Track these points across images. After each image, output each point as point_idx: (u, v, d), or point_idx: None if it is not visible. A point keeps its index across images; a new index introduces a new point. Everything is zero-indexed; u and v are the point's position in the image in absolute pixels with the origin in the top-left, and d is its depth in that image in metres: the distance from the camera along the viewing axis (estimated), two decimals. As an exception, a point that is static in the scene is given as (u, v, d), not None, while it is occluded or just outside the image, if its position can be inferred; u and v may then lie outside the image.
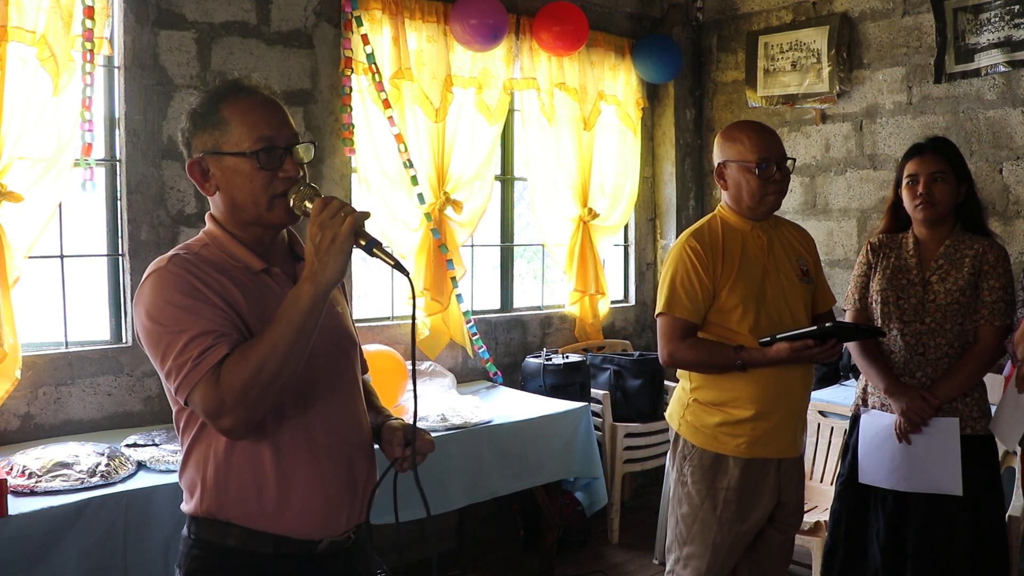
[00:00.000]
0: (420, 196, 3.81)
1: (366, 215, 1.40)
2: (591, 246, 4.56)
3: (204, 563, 1.50)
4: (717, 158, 2.46)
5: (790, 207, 4.65)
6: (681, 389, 2.51)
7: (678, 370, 2.49)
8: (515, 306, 4.54)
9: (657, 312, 2.43)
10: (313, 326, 1.39)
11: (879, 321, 2.66)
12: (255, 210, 1.50)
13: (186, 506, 1.54)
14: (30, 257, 2.85)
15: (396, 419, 1.70)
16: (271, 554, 1.48)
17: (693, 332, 2.38)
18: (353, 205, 1.41)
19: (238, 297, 1.47)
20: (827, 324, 2.27)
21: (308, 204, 1.46)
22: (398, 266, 1.43)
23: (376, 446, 1.66)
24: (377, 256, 1.42)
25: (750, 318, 2.35)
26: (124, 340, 3.15)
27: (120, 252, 3.14)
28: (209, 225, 1.56)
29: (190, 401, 1.40)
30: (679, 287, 2.37)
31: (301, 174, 1.52)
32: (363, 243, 1.41)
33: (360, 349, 1.74)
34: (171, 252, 1.51)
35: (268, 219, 1.51)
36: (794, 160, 2.45)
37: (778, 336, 2.28)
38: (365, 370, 1.82)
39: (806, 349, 2.25)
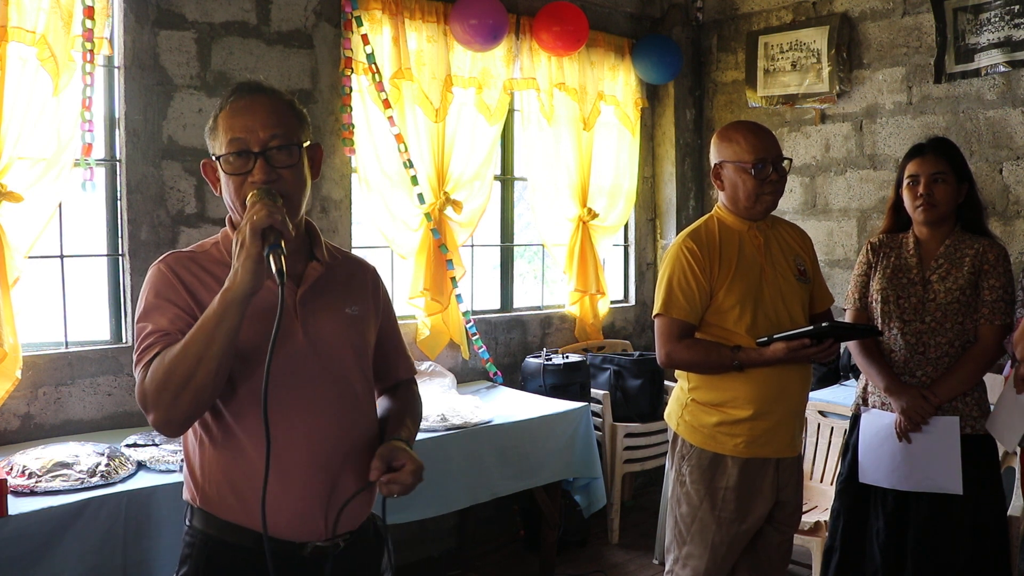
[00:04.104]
0: (420, 196, 3.81)
1: (271, 219, 1.34)
2: (591, 246, 4.57)
3: (194, 550, 1.53)
4: (713, 159, 2.46)
5: (790, 207, 4.65)
6: (679, 389, 2.51)
7: (676, 370, 2.49)
8: (515, 306, 4.54)
9: (654, 313, 2.43)
10: (225, 334, 1.35)
11: (879, 320, 2.66)
12: (239, 212, 1.51)
13: (184, 494, 1.58)
14: (30, 257, 2.85)
15: (401, 440, 1.59)
16: (253, 548, 1.48)
17: (690, 333, 2.39)
18: (279, 208, 1.36)
19: None
20: (824, 324, 2.27)
21: None
22: (280, 273, 1.34)
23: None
24: (267, 262, 1.35)
25: (747, 318, 2.35)
26: (124, 340, 3.15)
27: (120, 252, 3.14)
28: (227, 223, 1.60)
29: None
30: (676, 288, 2.37)
31: (273, 178, 1.46)
32: (267, 245, 1.33)
33: (379, 354, 1.71)
34: (178, 249, 1.58)
35: None
36: (790, 160, 2.45)
37: (775, 336, 2.29)
38: (405, 374, 1.79)
39: (803, 349, 2.25)
